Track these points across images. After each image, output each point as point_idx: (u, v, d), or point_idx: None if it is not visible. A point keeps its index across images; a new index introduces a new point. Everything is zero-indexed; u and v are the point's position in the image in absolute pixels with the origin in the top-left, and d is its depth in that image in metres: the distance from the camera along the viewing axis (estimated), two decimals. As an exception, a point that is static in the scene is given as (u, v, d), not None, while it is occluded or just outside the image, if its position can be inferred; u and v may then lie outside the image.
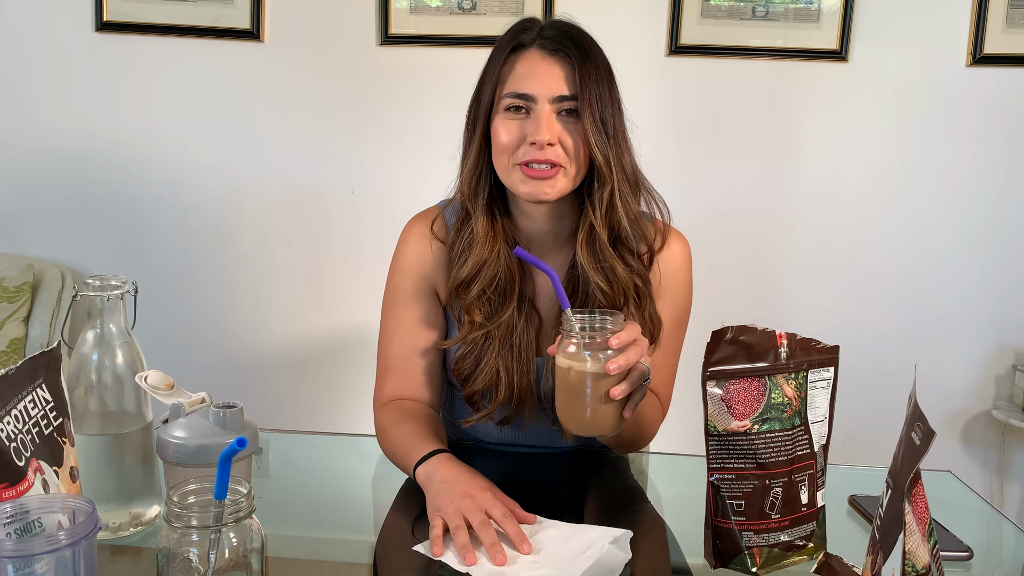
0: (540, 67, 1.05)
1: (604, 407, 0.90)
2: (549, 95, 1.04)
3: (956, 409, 2.31)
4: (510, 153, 1.05)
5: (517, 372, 1.10)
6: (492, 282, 1.10)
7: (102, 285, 0.92)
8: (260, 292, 2.35)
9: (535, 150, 1.03)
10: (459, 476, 0.97)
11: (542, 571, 0.83)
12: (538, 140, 1.02)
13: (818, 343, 0.88)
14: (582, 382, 0.89)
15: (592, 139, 1.03)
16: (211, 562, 0.67)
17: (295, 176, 2.30)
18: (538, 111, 1.04)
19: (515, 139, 1.04)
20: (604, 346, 0.89)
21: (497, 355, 1.10)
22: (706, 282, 2.26)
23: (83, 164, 2.30)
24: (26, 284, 2.13)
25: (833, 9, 2.15)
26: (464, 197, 1.12)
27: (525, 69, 1.05)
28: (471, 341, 1.11)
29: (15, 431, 0.72)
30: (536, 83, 1.04)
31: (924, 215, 2.23)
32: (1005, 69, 2.16)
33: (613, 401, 0.90)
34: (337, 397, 2.33)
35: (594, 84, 1.04)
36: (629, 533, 0.91)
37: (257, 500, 0.71)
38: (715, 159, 2.24)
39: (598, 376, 0.88)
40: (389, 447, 1.11)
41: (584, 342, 0.89)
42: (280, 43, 2.24)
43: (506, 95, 1.05)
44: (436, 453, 1.02)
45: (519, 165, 1.05)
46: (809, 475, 0.88)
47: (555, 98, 1.04)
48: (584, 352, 0.89)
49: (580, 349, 0.89)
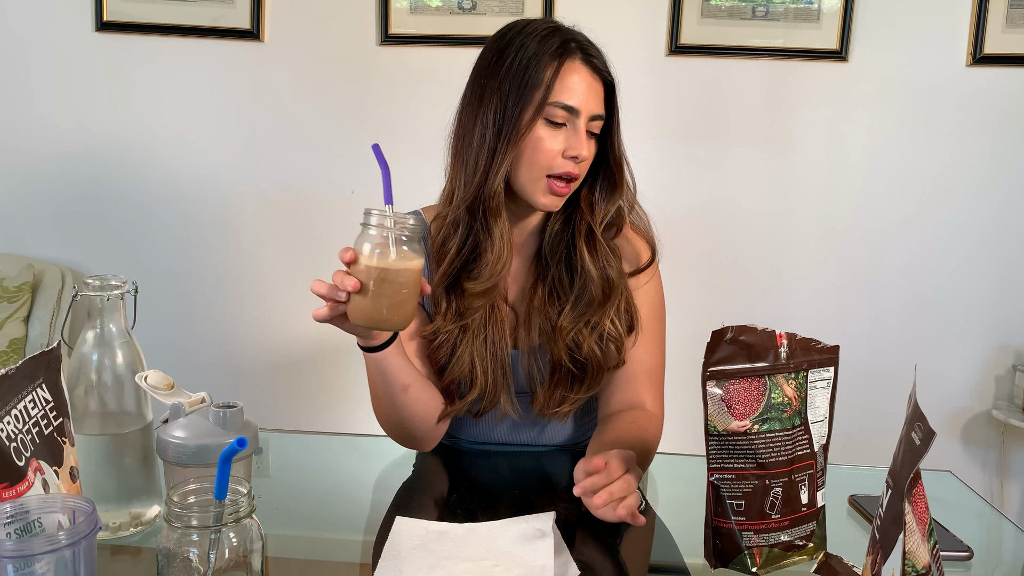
0: (586, 83, 1.07)
1: (387, 304, 0.91)
2: (590, 112, 1.07)
3: (956, 409, 2.31)
4: (546, 163, 1.06)
5: (491, 363, 1.13)
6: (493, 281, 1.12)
7: (102, 285, 0.92)
8: (260, 292, 2.35)
9: (571, 164, 1.07)
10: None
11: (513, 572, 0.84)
12: (580, 155, 1.06)
13: (818, 343, 0.88)
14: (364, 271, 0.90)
15: (624, 157, 1.12)
16: (211, 562, 0.67)
17: (295, 176, 2.30)
18: (578, 126, 1.06)
19: (557, 150, 1.06)
20: (399, 241, 0.90)
21: (471, 346, 1.12)
22: (706, 282, 2.28)
23: (83, 164, 2.30)
24: (26, 284, 2.13)
25: (833, 9, 2.15)
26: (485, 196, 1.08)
27: (574, 81, 1.06)
28: (445, 332, 1.13)
29: (15, 431, 0.72)
30: (581, 99, 1.06)
31: (924, 215, 2.23)
32: (1005, 69, 2.16)
33: (398, 303, 0.91)
34: (337, 397, 2.33)
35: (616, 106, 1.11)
36: (552, 514, 0.94)
37: (257, 500, 0.71)
38: (715, 159, 2.24)
39: (377, 270, 0.89)
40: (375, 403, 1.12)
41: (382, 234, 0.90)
42: (280, 43, 2.24)
43: (553, 103, 1.05)
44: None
45: (549, 177, 1.07)
46: (809, 475, 0.88)
47: (593, 116, 1.08)
48: (374, 247, 0.90)
49: (371, 242, 0.90)
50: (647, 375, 1.17)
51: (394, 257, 0.89)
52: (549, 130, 1.06)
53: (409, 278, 0.90)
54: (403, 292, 0.90)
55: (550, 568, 0.84)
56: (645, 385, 1.17)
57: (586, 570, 0.85)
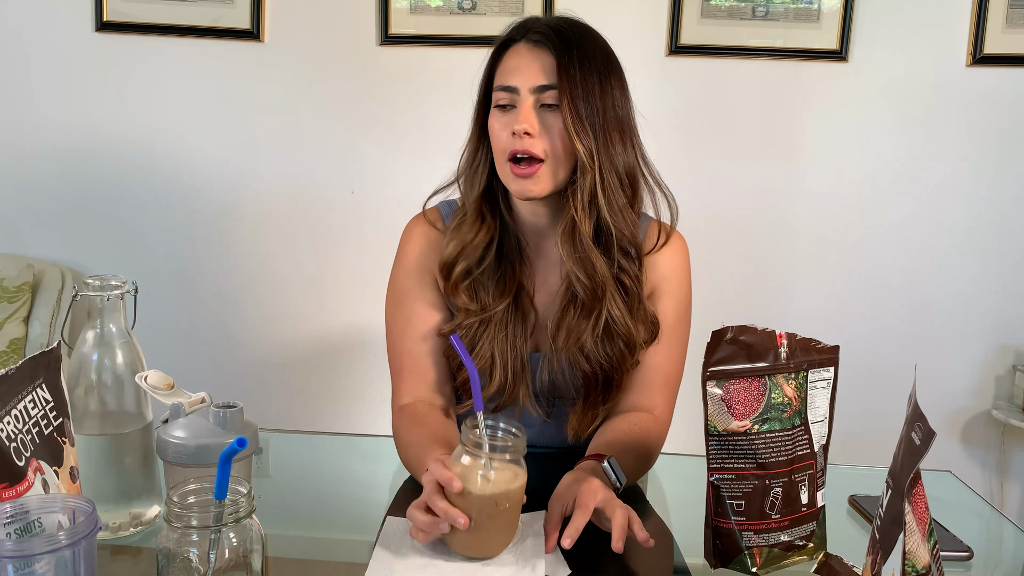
0: (524, 59, 1.06)
1: (495, 532, 0.84)
2: (529, 85, 1.05)
3: (956, 409, 2.31)
4: (499, 147, 1.07)
5: (511, 359, 1.11)
6: (480, 264, 1.11)
7: (102, 285, 0.92)
8: (260, 292, 2.35)
9: (516, 140, 1.04)
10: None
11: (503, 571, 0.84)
12: (516, 129, 1.04)
13: (818, 343, 0.88)
14: (472, 501, 0.83)
15: (571, 128, 1.03)
16: (211, 562, 0.67)
17: (295, 176, 2.30)
18: (520, 103, 1.05)
19: (503, 133, 1.06)
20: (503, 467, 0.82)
21: (492, 341, 1.11)
22: (706, 282, 2.27)
23: (83, 164, 2.30)
24: (26, 284, 2.13)
25: (833, 9, 2.15)
26: (460, 188, 1.15)
27: (512, 63, 1.07)
28: (466, 326, 1.12)
29: (15, 431, 0.72)
30: (518, 75, 1.06)
31: (924, 215, 2.23)
32: (1005, 69, 2.16)
33: (505, 527, 0.85)
34: (337, 397, 2.33)
35: (576, 74, 1.03)
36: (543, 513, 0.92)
37: (257, 500, 0.71)
38: (715, 159, 2.24)
39: (487, 499, 0.82)
40: (403, 454, 1.11)
41: (485, 460, 0.83)
42: (280, 43, 2.24)
43: (495, 88, 1.08)
44: None
45: (508, 162, 1.06)
46: (809, 475, 0.88)
47: (535, 88, 1.05)
48: (478, 472, 0.83)
49: (475, 468, 0.83)
50: (663, 379, 1.16)
51: (504, 482, 0.82)
52: (498, 114, 1.07)
53: (517, 499, 0.84)
54: (511, 514, 0.85)
55: (541, 567, 0.84)
56: (660, 390, 1.16)
57: (586, 570, 0.85)
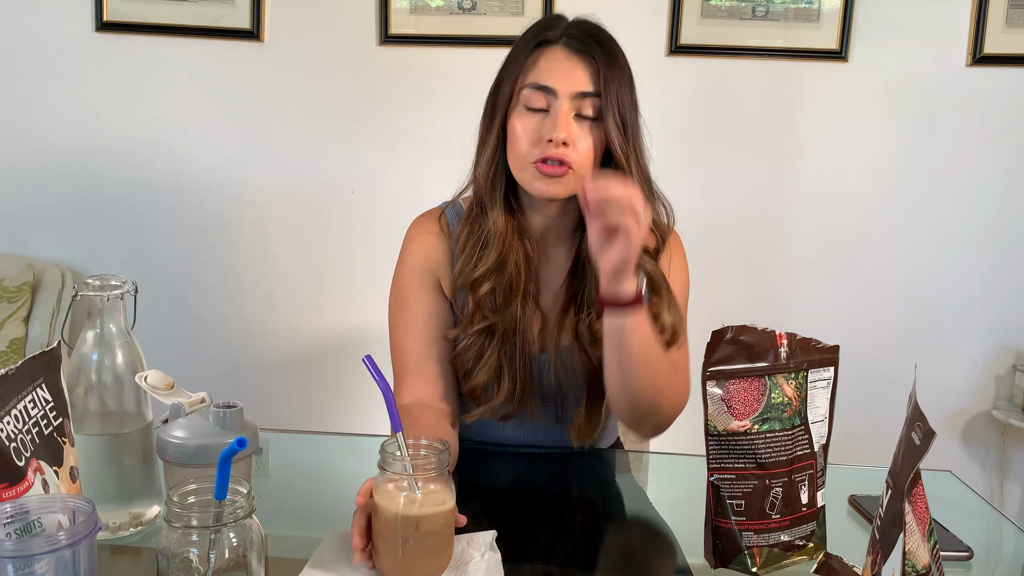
0: (564, 64, 1.05)
1: (424, 557, 0.80)
2: (570, 91, 1.04)
3: (956, 409, 2.31)
4: (526, 150, 1.05)
5: (520, 366, 1.11)
6: (507, 278, 1.10)
7: (102, 285, 0.92)
8: (260, 292, 2.35)
9: (549, 147, 1.03)
10: None
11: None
12: (555, 138, 1.02)
13: (818, 343, 0.88)
14: (393, 525, 0.78)
15: (614, 139, 1.04)
16: (211, 562, 0.67)
17: (295, 176, 2.30)
18: (557, 108, 1.04)
19: (532, 136, 1.05)
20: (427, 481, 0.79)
21: (500, 349, 1.10)
22: (706, 282, 2.27)
23: (83, 164, 2.30)
24: (26, 284, 2.13)
25: (833, 9, 2.15)
26: (481, 191, 1.12)
27: (548, 65, 1.05)
28: (473, 335, 1.11)
29: (15, 431, 0.72)
30: (558, 78, 1.04)
31: (924, 215, 2.23)
32: (1005, 69, 2.16)
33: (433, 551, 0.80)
34: (337, 397, 2.33)
35: (616, 85, 1.05)
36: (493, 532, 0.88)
37: (257, 500, 0.71)
38: (715, 159, 2.24)
39: (409, 521, 0.78)
40: None
41: (403, 476, 0.79)
42: (280, 43, 2.24)
43: (527, 85, 1.05)
44: None
45: (534, 162, 1.05)
46: (809, 475, 0.88)
47: (576, 94, 1.04)
48: (402, 494, 0.79)
49: (396, 488, 0.79)
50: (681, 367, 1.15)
51: (431, 504, 0.79)
52: (524, 118, 1.05)
53: (446, 522, 0.80)
54: (440, 538, 0.80)
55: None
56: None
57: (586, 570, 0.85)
